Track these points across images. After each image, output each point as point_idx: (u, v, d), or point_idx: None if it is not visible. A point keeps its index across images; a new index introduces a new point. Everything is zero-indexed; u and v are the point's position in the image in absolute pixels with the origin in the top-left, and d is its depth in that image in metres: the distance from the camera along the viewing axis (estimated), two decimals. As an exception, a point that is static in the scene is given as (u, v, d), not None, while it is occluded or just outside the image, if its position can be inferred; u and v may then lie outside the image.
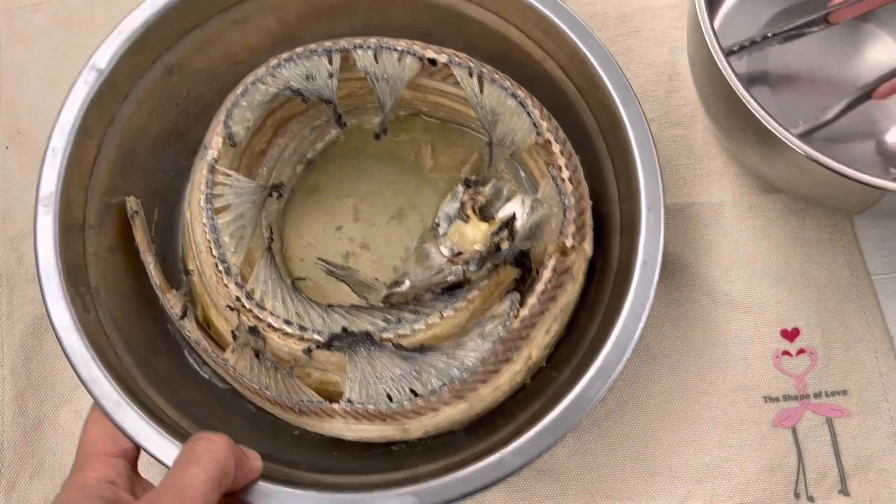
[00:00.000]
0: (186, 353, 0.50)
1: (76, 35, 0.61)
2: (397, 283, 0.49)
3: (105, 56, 0.47)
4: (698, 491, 0.50)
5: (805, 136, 0.52)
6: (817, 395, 0.51)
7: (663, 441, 0.51)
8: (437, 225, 0.51)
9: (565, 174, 0.46)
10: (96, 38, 0.60)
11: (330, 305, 0.47)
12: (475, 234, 0.49)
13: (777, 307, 0.53)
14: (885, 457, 0.50)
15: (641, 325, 0.43)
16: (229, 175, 0.46)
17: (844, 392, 0.51)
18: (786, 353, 0.52)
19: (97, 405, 0.41)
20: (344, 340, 0.44)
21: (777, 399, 0.51)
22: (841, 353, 0.52)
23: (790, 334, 0.53)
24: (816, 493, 0.50)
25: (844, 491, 0.50)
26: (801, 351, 0.52)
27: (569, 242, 0.45)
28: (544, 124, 0.46)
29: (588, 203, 0.47)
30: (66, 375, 0.53)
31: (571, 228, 0.45)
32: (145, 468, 0.41)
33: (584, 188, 0.47)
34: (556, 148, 0.46)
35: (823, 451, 0.51)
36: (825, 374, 0.52)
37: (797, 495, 0.50)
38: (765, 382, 0.52)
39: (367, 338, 0.44)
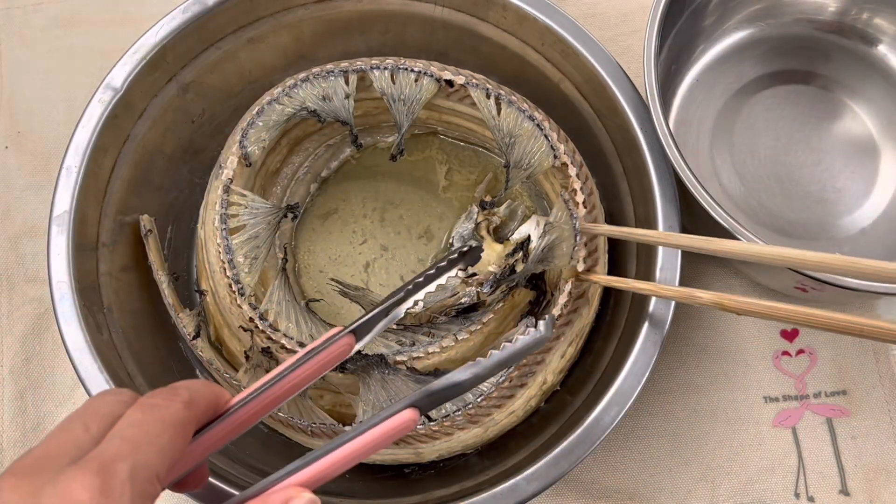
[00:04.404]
0: (198, 372, 0.50)
1: (76, 35, 0.61)
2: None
3: (120, 75, 0.47)
4: (698, 491, 0.50)
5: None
6: (817, 396, 0.51)
7: (663, 441, 0.51)
8: (452, 245, 0.51)
9: (580, 198, 0.45)
10: (96, 38, 0.61)
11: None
12: (490, 256, 0.49)
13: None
14: (885, 457, 0.50)
15: (658, 351, 0.42)
16: (244, 195, 0.46)
17: (844, 392, 0.52)
18: (785, 353, 0.52)
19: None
20: (357, 363, 0.44)
21: (777, 399, 0.51)
22: (840, 353, 0.52)
23: (790, 334, 0.53)
24: (816, 493, 0.50)
25: (844, 491, 0.49)
26: (800, 351, 0.52)
27: (580, 267, 0.44)
28: (561, 147, 0.46)
29: (604, 226, 0.47)
30: (66, 375, 0.53)
31: (582, 253, 0.45)
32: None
33: (600, 211, 0.47)
34: (572, 171, 0.46)
35: (823, 451, 0.50)
36: (824, 374, 0.52)
37: (797, 495, 0.50)
38: (765, 382, 0.52)
39: (381, 360, 0.44)
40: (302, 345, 0.45)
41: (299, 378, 0.35)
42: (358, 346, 0.38)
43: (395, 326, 0.48)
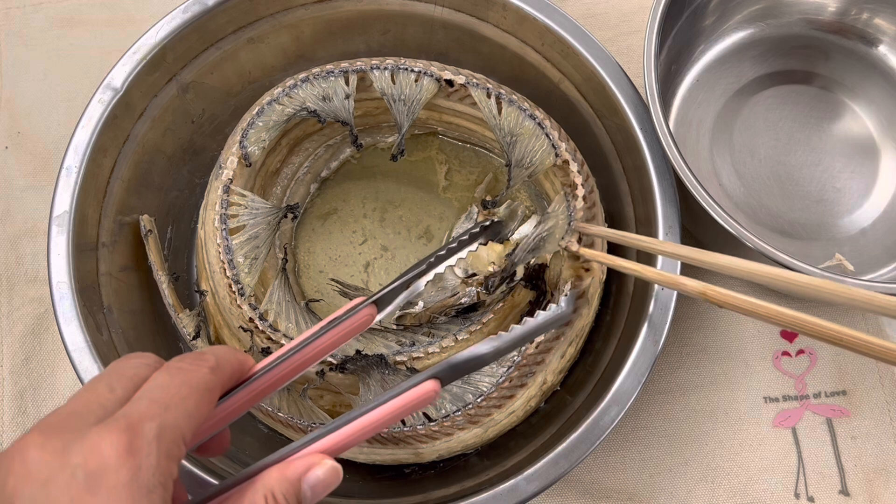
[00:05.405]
0: (198, 372, 0.50)
1: (76, 35, 0.61)
2: (410, 303, 0.49)
3: (120, 75, 0.47)
4: (698, 491, 0.50)
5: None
6: (817, 396, 0.52)
7: (663, 441, 0.51)
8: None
9: (580, 192, 0.45)
10: (96, 38, 0.61)
11: (344, 327, 0.47)
12: (490, 256, 0.49)
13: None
14: (885, 457, 0.50)
15: (658, 351, 0.42)
16: (244, 195, 0.46)
17: (843, 392, 0.52)
18: (785, 353, 0.52)
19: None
20: (357, 363, 0.44)
21: (777, 399, 0.51)
22: (840, 353, 0.52)
23: (790, 335, 0.53)
24: (816, 493, 0.50)
25: (844, 491, 0.50)
26: (800, 351, 0.52)
27: (573, 247, 0.44)
28: (563, 145, 0.46)
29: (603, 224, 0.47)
30: (66, 375, 0.53)
31: (575, 236, 0.44)
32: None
33: (600, 210, 0.47)
34: (573, 167, 0.46)
35: (823, 451, 0.51)
36: (824, 374, 0.52)
37: (797, 495, 0.50)
38: (765, 382, 0.52)
39: (381, 361, 0.44)
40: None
41: (321, 347, 0.35)
42: (379, 317, 0.39)
43: (395, 326, 0.48)
